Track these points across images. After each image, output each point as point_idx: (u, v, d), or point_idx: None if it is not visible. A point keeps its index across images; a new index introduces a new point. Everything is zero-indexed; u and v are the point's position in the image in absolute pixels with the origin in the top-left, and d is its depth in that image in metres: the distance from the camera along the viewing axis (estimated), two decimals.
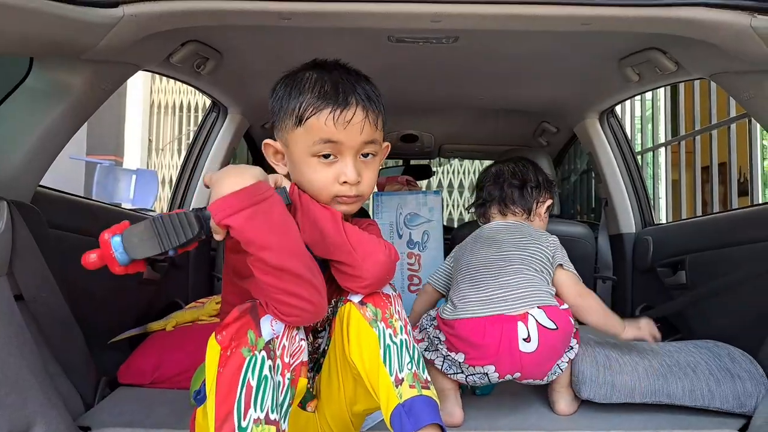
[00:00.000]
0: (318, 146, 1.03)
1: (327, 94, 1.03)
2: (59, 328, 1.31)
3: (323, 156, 1.04)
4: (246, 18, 1.25)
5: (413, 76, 1.97)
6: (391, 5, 1.18)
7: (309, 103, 1.03)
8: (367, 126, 1.05)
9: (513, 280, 1.36)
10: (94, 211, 1.70)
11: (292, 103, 1.05)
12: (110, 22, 1.14)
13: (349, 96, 1.03)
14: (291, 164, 1.09)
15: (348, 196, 1.06)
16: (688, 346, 1.50)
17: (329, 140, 1.02)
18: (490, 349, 1.28)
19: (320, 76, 1.06)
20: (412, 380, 0.98)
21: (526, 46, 1.62)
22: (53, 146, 1.34)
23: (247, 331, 0.90)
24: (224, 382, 0.86)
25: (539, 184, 1.61)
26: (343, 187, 1.05)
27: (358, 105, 1.04)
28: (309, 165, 1.05)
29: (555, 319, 1.31)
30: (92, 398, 1.39)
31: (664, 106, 4.38)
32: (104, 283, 1.62)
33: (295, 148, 1.06)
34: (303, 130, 1.03)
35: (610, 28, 1.27)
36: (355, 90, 1.04)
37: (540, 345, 1.28)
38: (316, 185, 1.05)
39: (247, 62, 1.81)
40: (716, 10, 1.16)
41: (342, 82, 1.05)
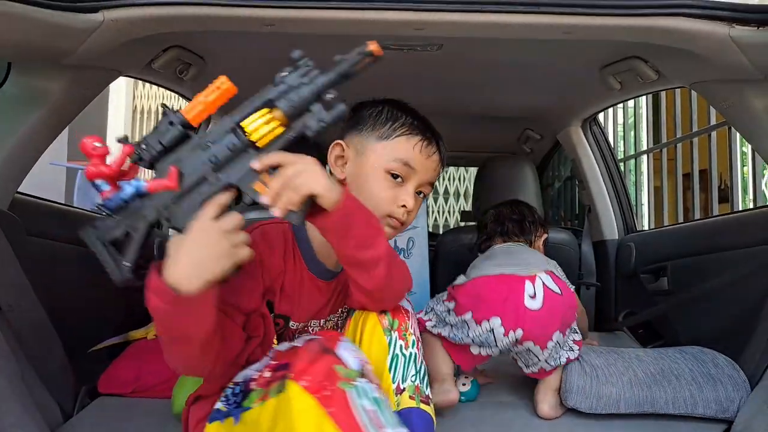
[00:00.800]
0: (395, 164, 1.08)
1: (421, 126, 1.12)
2: (37, 337, 1.28)
3: (393, 175, 1.09)
4: (228, 24, 1.25)
5: (398, 83, 1.97)
6: (375, 13, 1.18)
7: (406, 124, 1.11)
8: (438, 168, 1.15)
9: (525, 254, 1.55)
10: (74, 218, 1.67)
11: (387, 119, 1.12)
12: (90, 27, 1.13)
13: (436, 137, 1.14)
14: (356, 172, 1.11)
15: (398, 219, 1.09)
16: (674, 353, 1.51)
17: (408, 164, 1.09)
18: (496, 302, 1.38)
19: (414, 111, 1.16)
20: (413, 392, 1.03)
21: (509, 54, 1.63)
22: (32, 152, 1.32)
23: (333, 366, 0.85)
24: (343, 418, 0.80)
25: (535, 220, 1.73)
26: (400, 210, 1.09)
27: (439, 148, 1.15)
28: (378, 178, 1.09)
29: (560, 285, 1.42)
30: (71, 408, 1.37)
31: (645, 114, 4.42)
32: (84, 291, 1.60)
33: (371, 158, 1.10)
34: (389, 145, 1.09)
35: (591, 36, 1.28)
36: (438, 135, 1.16)
37: (545, 304, 1.36)
38: (376, 199, 1.07)
39: (231, 68, 1.79)
40: (696, 20, 1.17)
41: (427, 123, 1.15)
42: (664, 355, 1.50)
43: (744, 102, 1.37)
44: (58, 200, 1.68)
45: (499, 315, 1.36)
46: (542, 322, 1.36)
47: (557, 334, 1.38)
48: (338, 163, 1.13)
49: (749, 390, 1.39)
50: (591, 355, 1.47)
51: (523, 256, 1.54)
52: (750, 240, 1.56)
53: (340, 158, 1.13)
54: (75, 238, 1.62)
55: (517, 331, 1.35)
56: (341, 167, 1.13)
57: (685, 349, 1.54)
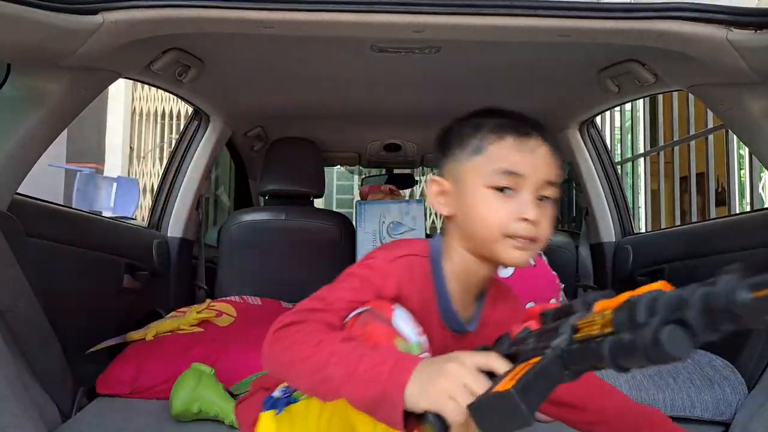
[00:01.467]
0: (496, 177, 0.92)
1: (510, 123, 0.96)
2: (36, 338, 1.28)
3: (498, 189, 0.93)
4: (227, 26, 1.25)
5: (396, 85, 1.98)
6: (373, 15, 1.19)
7: (491, 128, 0.96)
8: (553, 161, 0.96)
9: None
10: (73, 220, 1.67)
11: (470, 132, 0.98)
12: (90, 28, 1.13)
13: (535, 128, 0.96)
14: (459, 202, 0.98)
15: (524, 237, 0.91)
16: None
17: (510, 171, 0.92)
18: None
19: (501, 110, 1.01)
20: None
21: (506, 57, 1.63)
22: (31, 154, 1.32)
23: (393, 341, 0.84)
24: None
25: None
26: (521, 224, 0.91)
27: (539, 136, 0.95)
28: (483, 198, 0.93)
29: (535, 259, 1.44)
30: (69, 409, 1.37)
31: (643, 117, 4.44)
32: (83, 292, 1.60)
33: (469, 180, 0.96)
34: (482, 159, 0.95)
35: (589, 39, 1.28)
36: (535, 124, 0.97)
37: (514, 273, 1.40)
38: (490, 221, 0.92)
39: (230, 70, 1.81)
40: (693, 24, 1.18)
41: (518, 117, 0.99)
42: None
43: (741, 105, 1.38)
44: (57, 202, 1.68)
45: None
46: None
47: (531, 305, 1.37)
48: (440, 200, 1.01)
49: (747, 392, 1.39)
50: None
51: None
52: (747, 243, 1.56)
53: (441, 195, 1.01)
54: (74, 239, 1.63)
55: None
56: (444, 204, 1.00)
57: None
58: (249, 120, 2.52)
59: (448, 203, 1.00)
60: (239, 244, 2.29)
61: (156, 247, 2.03)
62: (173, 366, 1.46)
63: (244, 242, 2.29)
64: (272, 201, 2.46)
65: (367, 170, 4.05)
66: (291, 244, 2.30)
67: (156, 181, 7.37)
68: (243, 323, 1.78)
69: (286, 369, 0.86)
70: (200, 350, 1.53)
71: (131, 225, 2.13)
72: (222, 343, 1.58)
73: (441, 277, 0.99)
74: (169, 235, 2.17)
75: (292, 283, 2.30)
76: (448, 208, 1.00)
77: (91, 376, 1.52)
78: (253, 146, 2.80)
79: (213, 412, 1.29)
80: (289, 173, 2.39)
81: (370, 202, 2.52)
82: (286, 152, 2.45)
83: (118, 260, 1.80)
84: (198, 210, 2.30)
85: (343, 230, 2.36)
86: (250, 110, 2.36)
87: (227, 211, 3.62)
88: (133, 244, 1.95)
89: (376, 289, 0.93)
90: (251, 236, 2.29)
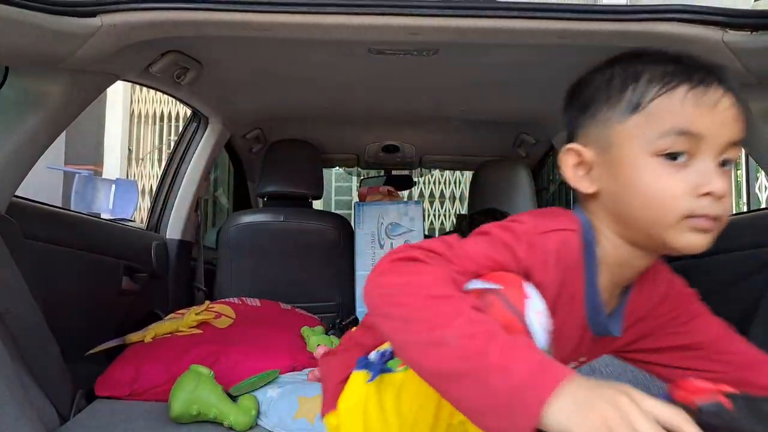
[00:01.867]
0: (667, 140, 0.71)
1: (682, 68, 0.74)
2: (34, 340, 1.28)
3: (670, 157, 0.72)
4: (226, 29, 1.25)
5: (394, 87, 1.98)
6: (371, 18, 1.19)
7: (657, 76, 0.74)
8: (738, 117, 0.75)
9: None
10: (71, 222, 1.68)
11: (623, 83, 0.77)
12: (88, 31, 1.14)
13: (714, 73, 0.75)
14: (610, 175, 0.77)
15: (707, 216, 0.71)
16: None
17: (686, 131, 0.71)
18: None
19: (661, 53, 0.79)
20: None
21: (504, 59, 1.64)
22: (29, 156, 1.32)
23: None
24: None
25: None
26: (703, 200, 0.71)
27: (719, 85, 0.74)
28: (648, 169, 0.72)
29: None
30: (68, 411, 1.36)
31: None
32: (81, 294, 1.60)
33: (624, 146, 0.75)
34: (641, 118, 0.74)
35: (586, 41, 1.29)
36: (711, 69, 0.75)
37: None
38: (660, 199, 0.72)
39: (228, 72, 1.81)
40: (689, 25, 1.18)
41: (688, 60, 0.76)
42: None
43: None
44: (55, 204, 1.68)
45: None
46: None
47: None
48: (580, 173, 0.80)
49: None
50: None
51: None
52: (743, 243, 1.57)
53: (580, 166, 0.80)
54: (72, 242, 1.63)
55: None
56: (587, 178, 0.80)
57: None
58: (248, 122, 2.53)
59: (591, 177, 0.79)
60: (238, 246, 2.29)
61: (155, 248, 2.03)
62: (172, 368, 1.46)
63: (242, 244, 2.29)
64: (271, 203, 2.46)
65: (366, 172, 4.06)
66: (290, 246, 2.31)
67: (155, 183, 7.38)
68: (242, 325, 1.78)
69: (395, 307, 0.66)
70: (199, 352, 1.53)
71: (130, 227, 2.13)
72: (221, 344, 1.58)
73: (593, 265, 0.79)
74: (168, 236, 2.17)
75: (291, 284, 2.31)
76: (591, 184, 0.79)
77: (90, 377, 1.52)
78: (252, 148, 2.81)
79: (212, 414, 1.29)
80: (288, 175, 2.40)
81: (368, 203, 2.53)
82: (284, 154, 2.45)
83: (117, 262, 1.80)
84: (197, 212, 2.31)
85: (341, 231, 2.36)
86: (248, 112, 2.36)
87: (226, 213, 3.63)
88: (131, 245, 1.95)
89: (515, 261, 0.74)
90: (250, 238, 2.29)
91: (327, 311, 2.30)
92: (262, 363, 1.52)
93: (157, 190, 2.29)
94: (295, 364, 1.59)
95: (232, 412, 1.28)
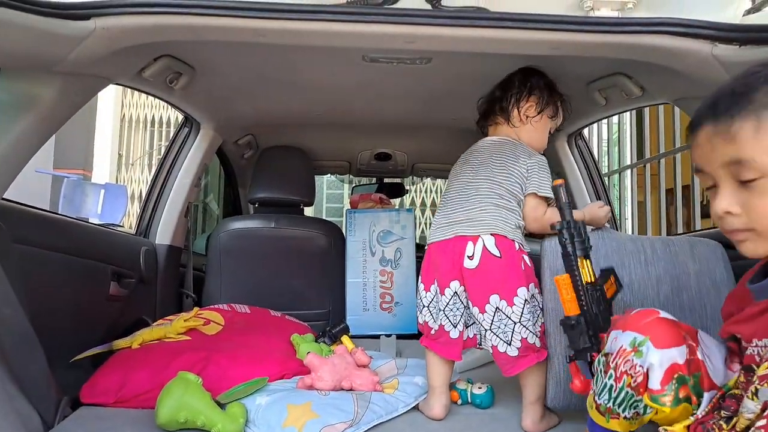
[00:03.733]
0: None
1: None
2: (20, 346, 1.27)
3: (707, 189, 0.90)
4: (220, 34, 1.25)
5: (388, 95, 1.99)
6: (366, 25, 1.20)
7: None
8: (719, 140, 0.84)
9: (477, 207, 1.45)
10: (60, 226, 1.66)
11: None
12: (82, 34, 1.13)
13: (694, 120, 0.90)
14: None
15: (731, 230, 0.87)
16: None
17: (697, 170, 0.89)
18: (443, 266, 1.43)
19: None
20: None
21: (497, 69, 1.65)
22: (19, 159, 1.31)
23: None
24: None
25: (521, 89, 1.58)
26: (726, 219, 0.86)
27: (700, 124, 0.88)
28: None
29: (501, 249, 1.39)
30: (53, 418, 1.34)
31: (629, 129, 4.48)
32: (68, 299, 1.58)
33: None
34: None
35: (578, 52, 1.30)
36: (698, 114, 0.89)
37: (480, 264, 1.38)
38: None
39: (221, 78, 1.81)
40: (680, 38, 1.20)
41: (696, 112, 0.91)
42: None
43: None
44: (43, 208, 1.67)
45: (440, 276, 1.44)
46: (478, 279, 1.39)
47: (495, 297, 1.37)
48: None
49: None
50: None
51: (475, 209, 1.45)
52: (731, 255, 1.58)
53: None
54: (60, 246, 1.62)
55: (453, 283, 1.41)
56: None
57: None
58: (240, 128, 2.52)
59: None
60: (228, 252, 2.28)
61: (143, 254, 2.02)
62: (159, 374, 1.45)
63: (233, 250, 2.28)
64: (262, 209, 2.45)
65: (357, 179, 4.05)
66: (280, 252, 2.30)
67: (144, 188, 7.34)
68: (231, 331, 1.76)
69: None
70: (187, 358, 1.52)
71: (119, 232, 2.12)
72: (209, 351, 1.57)
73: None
74: (157, 242, 2.15)
75: (282, 291, 2.30)
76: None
77: (75, 384, 1.50)
78: (244, 154, 2.80)
79: (200, 422, 1.28)
80: (280, 181, 2.39)
81: (360, 210, 2.53)
82: (276, 160, 2.45)
83: (105, 267, 1.78)
84: (187, 217, 2.29)
85: (332, 238, 2.36)
86: (241, 118, 2.36)
87: (216, 220, 3.61)
88: (120, 250, 1.94)
89: None
90: (240, 244, 2.28)
91: (317, 319, 2.29)
92: (251, 370, 1.51)
93: (147, 194, 2.27)
94: (285, 371, 1.58)
95: (220, 419, 1.27)
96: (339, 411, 1.33)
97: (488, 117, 1.63)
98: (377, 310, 2.39)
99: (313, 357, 1.57)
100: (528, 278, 1.40)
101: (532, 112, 1.57)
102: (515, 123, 1.57)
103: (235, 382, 1.44)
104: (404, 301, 2.39)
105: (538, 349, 1.39)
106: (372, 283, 2.40)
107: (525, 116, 1.57)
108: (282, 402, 1.35)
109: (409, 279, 2.40)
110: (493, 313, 1.38)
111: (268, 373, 1.52)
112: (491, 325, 1.38)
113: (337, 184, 8.72)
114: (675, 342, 0.94)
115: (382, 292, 2.40)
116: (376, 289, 2.40)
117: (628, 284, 1.39)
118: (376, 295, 2.40)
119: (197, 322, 1.76)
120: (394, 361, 1.74)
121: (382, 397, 1.46)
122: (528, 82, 1.58)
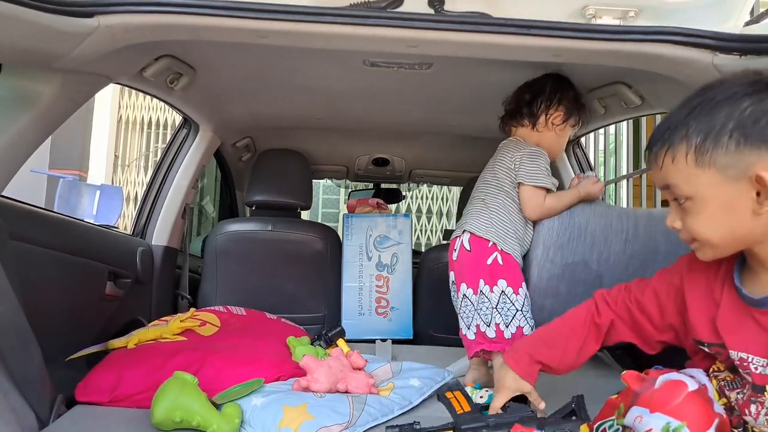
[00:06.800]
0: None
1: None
2: (16, 343, 1.26)
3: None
4: (223, 34, 1.25)
5: (387, 100, 2.00)
6: (369, 29, 1.20)
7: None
8: (658, 165, 0.93)
9: (477, 205, 1.60)
10: (58, 224, 1.66)
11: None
12: (85, 31, 1.13)
13: (650, 145, 0.96)
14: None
15: (683, 240, 0.97)
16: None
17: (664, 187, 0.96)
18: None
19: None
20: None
21: (498, 75, 1.66)
22: (17, 156, 1.31)
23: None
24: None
25: (551, 97, 1.60)
26: (678, 232, 0.97)
27: (651, 150, 0.95)
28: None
29: (473, 245, 1.55)
30: (47, 416, 1.33)
31: (626, 140, 4.51)
32: (64, 298, 1.57)
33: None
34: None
35: (580, 60, 1.31)
36: (652, 139, 0.95)
37: (459, 257, 1.58)
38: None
39: (222, 79, 1.81)
40: (680, 48, 1.21)
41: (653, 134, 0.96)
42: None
43: None
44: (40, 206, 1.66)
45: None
46: (459, 268, 1.58)
47: (464, 285, 1.55)
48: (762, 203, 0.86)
49: None
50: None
51: (473, 211, 1.60)
52: None
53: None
54: (57, 244, 1.61)
55: (450, 273, 1.61)
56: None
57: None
58: (238, 130, 2.52)
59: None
60: (224, 255, 2.27)
61: (140, 254, 2.01)
62: (155, 374, 1.44)
63: (229, 252, 2.27)
64: (259, 212, 2.45)
65: (354, 184, 4.06)
66: (276, 256, 2.29)
67: (140, 190, 7.33)
68: (227, 333, 1.76)
69: None
70: (183, 359, 1.51)
71: (116, 232, 2.11)
72: (205, 352, 1.56)
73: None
74: (154, 243, 2.15)
75: (277, 294, 2.29)
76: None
77: (70, 383, 1.49)
78: (242, 157, 2.80)
79: (195, 422, 1.27)
80: (277, 184, 2.39)
81: (357, 215, 2.53)
82: (274, 163, 2.45)
83: (101, 267, 1.78)
84: (183, 219, 2.29)
85: (329, 242, 2.36)
86: (240, 120, 2.36)
87: (211, 222, 3.60)
88: (117, 250, 1.93)
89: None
90: (236, 246, 2.28)
91: (313, 322, 2.29)
92: (246, 372, 1.50)
93: (144, 195, 2.27)
94: (281, 373, 1.58)
95: (216, 420, 1.26)
96: (335, 413, 1.33)
97: (514, 117, 1.65)
98: (373, 314, 2.38)
99: (308, 359, 1.57)
100: (492, 274, 1.50)
101: (558, 121, 1.60)
102: (540, 128, 1.61)
103: (230, 384, 1.44)
104: (400, 306, 2.39)
105: (491, 340, 1.50)
106: (368, 288, 2.40)
107: (552, 123, 1.60)
108: (278, 403, 1.34)
109: (405, 284, 2.40)
110: (461, 299, 1.55)
111: (263, 375, 1.51)
112: (460, 309, 1.56)
113: (333, 189, 8.72)
114: (710, 419, 0.88)
115: (378, 296, 2.40)
116: (372, 294, 2.40)
117: (606, 258, 1.50)
118: (372, 300, 2.39)
119: (193, 323, 1.75)
120: (390, 364, 1.74)
121: (377, 399, 1.46)
122: (559, 91, 1.60)
